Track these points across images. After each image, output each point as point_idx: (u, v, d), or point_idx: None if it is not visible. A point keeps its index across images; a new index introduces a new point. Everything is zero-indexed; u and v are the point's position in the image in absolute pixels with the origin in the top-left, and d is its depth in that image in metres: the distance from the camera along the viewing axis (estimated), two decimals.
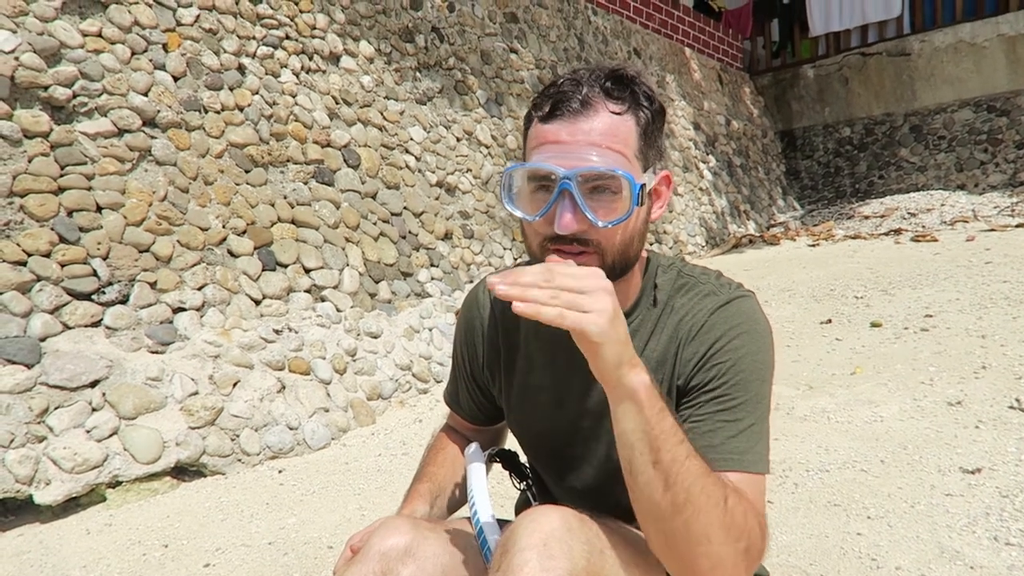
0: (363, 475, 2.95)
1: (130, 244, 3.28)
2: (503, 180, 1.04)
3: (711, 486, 0.88)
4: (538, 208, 1.00)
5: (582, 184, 0.97)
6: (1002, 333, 3.71)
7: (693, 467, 0.87)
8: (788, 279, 5.97)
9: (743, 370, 1.02)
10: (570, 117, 0.98)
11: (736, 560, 0.89)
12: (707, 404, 1.02)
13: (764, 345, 1.06)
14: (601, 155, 0.97)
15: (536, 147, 1.01)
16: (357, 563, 1.02)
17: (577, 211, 0.96)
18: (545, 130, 1.00)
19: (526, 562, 0.85)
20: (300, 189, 4.19)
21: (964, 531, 1.98)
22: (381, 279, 4.39)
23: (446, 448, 1.37)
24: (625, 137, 0.99)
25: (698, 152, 9.13)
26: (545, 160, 0.98)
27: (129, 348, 3.08)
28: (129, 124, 3.48)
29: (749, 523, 0.91)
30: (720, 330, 1.05)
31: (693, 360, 1.05)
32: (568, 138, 0.98)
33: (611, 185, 0.98)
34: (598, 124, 0.98)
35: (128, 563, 2.27)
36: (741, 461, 0.97)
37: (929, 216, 8.45)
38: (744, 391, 1.01)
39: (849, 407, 3.05)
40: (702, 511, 0.86)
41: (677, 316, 1.10)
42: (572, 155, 0.97)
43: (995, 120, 9.76)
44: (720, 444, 0.98)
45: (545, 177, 0.99)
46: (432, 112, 5.47)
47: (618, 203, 0.98)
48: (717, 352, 1.04)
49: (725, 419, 1.00)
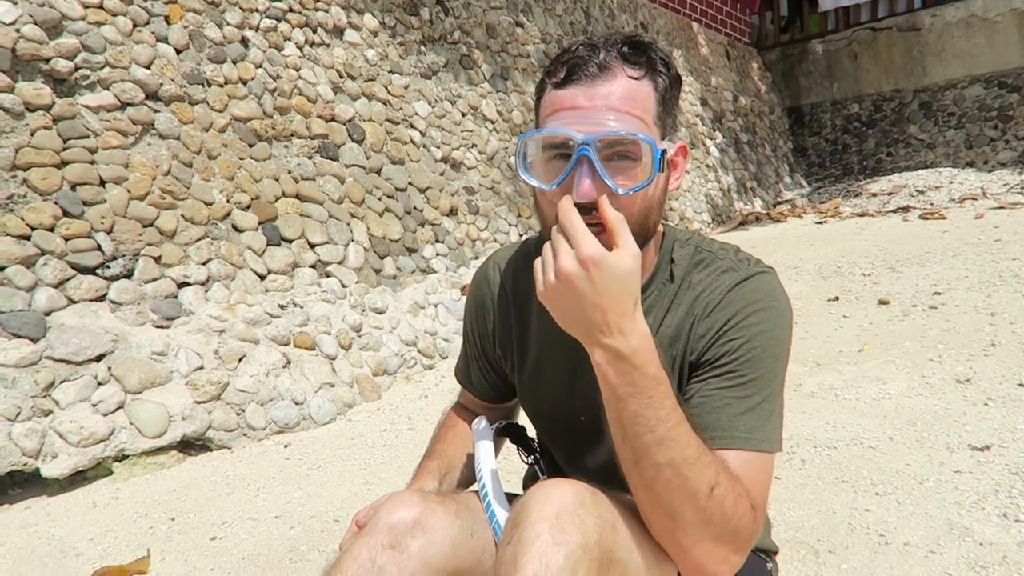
0: (369, 450, 2.95)
1: (134, 218, 3.26)
2: (518, 149, 1.00)
3: (695, 474, 0.87)
4: (554, 177, 0.96)
5: (601, 150, 0.93)
6: (1011, 311, 3.68)
7: (672, 443, 0.87)
8: (795, 256, 5.94)
9: (757, 347, 1.00)
10: (587, 82, 0.95)
11: (718, 547, 0.89)
12: (716, 380, 0.99)
13: (781, 323, 1.03)
14: (620, 120, 0.93)
15: (551, 114, 0.97)
16: (365, 535, 1.00)
17: (596, 178, 0.93)
18: (561, 96, 0.97)
19: (538, 535, 0.84)
20: (304, 164, 4.16)
21: (973, 508, 1.97)
22: (386, 255, 4.36)
23: (456, 426, 1.36)
24: (644, 102, 0.96)
25: (705, 128, 9.05)
26: (562, 126, 0.94)
27: (134, 322, 3.07)
28: (132, 97, 3.44)
29: (739, 510, 0.89)
30: (736, 306, 1.02)
31: (707, 336, 1.03)
32: (586, 103, 0.94)
33: (631, 151, 0.95)
34: (617, 88, 0.95)
35: (135, 536, 2.28)
36: (748, 440, 0.95)
37: (937, 194, 8.38)
38: (755, 368, 0.99)
39: (857, 384, 3.03)
40: (674, 497, 0.87)
41: (694, 292, 1.07)
42: (590, 120, 0.93)
43: (1006, 96, 9.64)
44: (727, 421, 0.96)
45: (562, 144, 0.96)
46: (437, 86, 5.42)
47: (638, 170, 0.95)
48: (731, 328, 1.01)
49: (734, 395, 0.98)
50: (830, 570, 1.77)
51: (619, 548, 0.90)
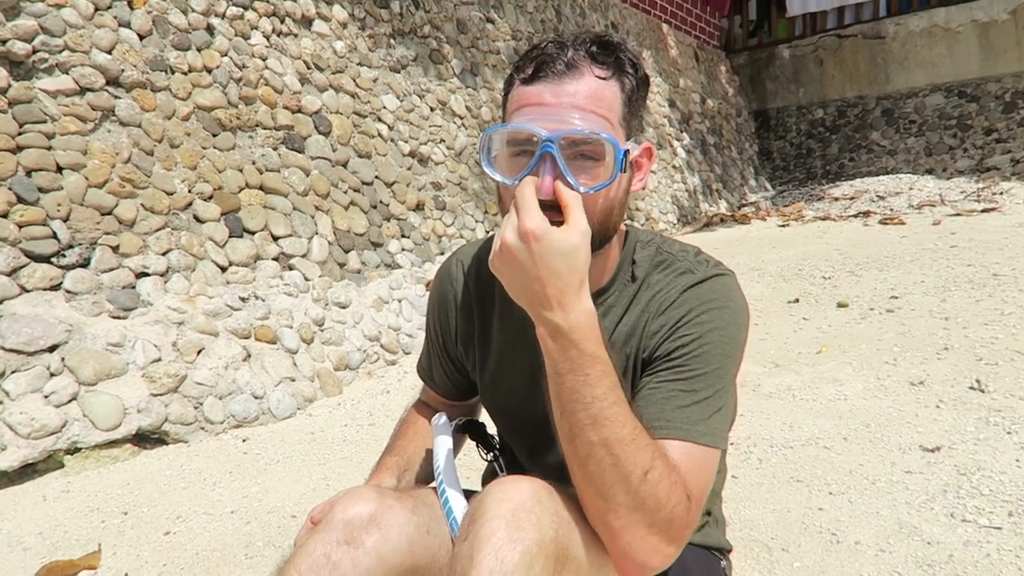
0: (329, 445, 2.92)
1: (92, 206, 3.19)
2: (482, 143, 1.01)
3: (629, 455, 0.86)
4: (518, 172, 0.97)
5: (565, 148, 0.94)
6: (964, 315, 3.78)
7: (607, 422, 0.87)
8: (757, 258, 6.02)
9: (708, 343, 1.00)
10: (554, 79, 0.95)
11: (650, 534, 0.88)
12: (664, 373, 1.00)
13: (735, 322, 1.04)
14: (585, 119, 0.94)
15: (517, 109, 0.98)
16: (320, 531, 0.99)
17: (558, 175, 0.93)
18: (527, 92, 0.97)
19: (494, 532, 0.84)
20: (269, 155, 4.11)
21: (923, 507, 2.01)
22: (351, 249, 4.33)
23: (417, 423, 1.35)
24: (610, 102, 0.97)
25: (672, 129, 9.13)
26: (527, 122, 0.95)
27: (90, 313, 3.00)
28: (92, 82, 3.36)
29: (673, 498, 0.88)
30: (690, 304, 1.03)
31: (659, 333, 1.03)
32: (552, 100, 0.95)
33: (594, 151, 0.95)
34: (583, 87, 0.95)
35: (86, 530, 2.23)
36: (689, 431, 0.95)
37: (897, 199, 8.56)
38: (705, 363, 0.99)
39: (814, 385, 3.09)
40: (614, 475, 0.86)
41: (651, 292, 1.08)
42: (555, 117, 0.94)
43: (965, 106, 9.88)
44: (671, 412, 0.96)
45: (526, 140, 0.96)
46: (406, 80, 5.38)
47: (600, 169, 0.95)
48: (684, 324, 1.02)
49: (680, 388, 0.98)
50: (783, 568, 1.80)
51: (575, 545, 0.91)
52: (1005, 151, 9.43)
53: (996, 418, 2.53)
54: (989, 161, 9.46)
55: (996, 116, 9.63)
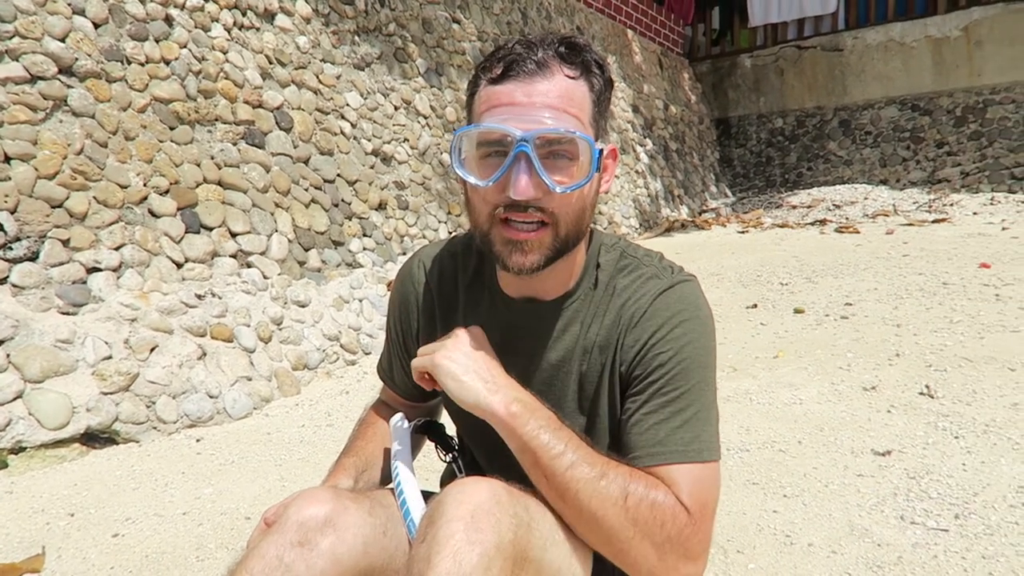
0: (285, 446, 2.87)
1: (41, 198, 3.09)
2: (453, 144, 0.99)
3: (606, 490, 0.91)
4: (490, 174, 0.95)
5: (539, 148, 0.93)
6: (915, 323, 3.87)
7: (583, 477, 0.91)
8: (717, 264, 6.10)
9: (685, 359, 1.01)
10: (525, 78, 0.94)
11: (646, 553, 0.92)
12: (652, 397, 1.01)
13: (705, 332, 1.05)
14: (558, 118, 0.93)
15: (488, 110, 0.96)
16: (274, 533, 0.97)
17: (534, 175, 0.93)
18: (497, 92, 0.95)
19: (452, 534, 0.83)
20: (228, 150, 4.03)
21: (873, 510, 2.05)
22: (311, 247, 4.27)
23: (376, 423, 1.33)
24: (580, 102, 0.96)
25: (635, 135, 9.21)
26: (500, 122, 0.93)
27: (38, 308, 2.91)
28: (43, 71, 3.27)
29: (663, 515, 0.91)
30: (662, 317, 1.03)
31: (635, 348, 1.04)
32: (524, 99, 0.94)
33: (568, 150, 0.95)
34: (554, 87, 0.94)
35: (30, 532, 2.16)
36: (686, 453, 0.97)
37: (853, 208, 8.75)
38: (686, 380, 1.01)
39: (770, 389, 3.13)
40: (598, 515, 0.91)
41: (620, 300, 1.08)
42: (528, 117, 0.93)
43: (919, 119, 10.15)
44: (664, 437, 0.98)
45: (498, 141, 0.95)
46: (370, 78, 5.34)
47: (574, 168, 0.95)
48: (658, 342, 1.02)
49: (669, 411, 0.99)
50: (738, 569, 1.81)
51: (533, 547, 0.90)
52: (955, 164, 9.72)
53: (944, 423, 2.59)
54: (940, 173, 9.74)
55: (948, 130, 9.92)
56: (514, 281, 1.09)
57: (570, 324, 1.08)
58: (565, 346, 1.09)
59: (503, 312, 1.12)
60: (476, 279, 1.18)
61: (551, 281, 1.07)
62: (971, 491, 2.10)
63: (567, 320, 1.09)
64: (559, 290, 1.09)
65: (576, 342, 1.08)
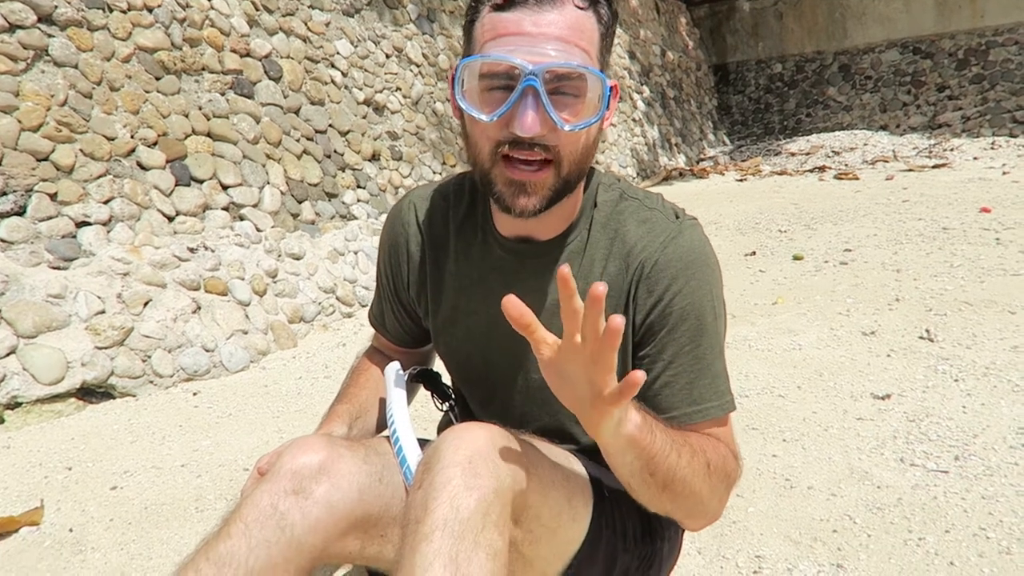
0: (282, 398, 2.87)
1: (26, 151, 3.02)
2: (456, 75, 0.93)
3: (696, 466, 0.92)
4: (493, 108, 0.90)
5: (548, 83, 0.87)
6: (915, 268, 3.84)
7: (683, 464, 0.90)
8: (715, 212, 6.05)
9: (704, 311, 1.00)
10: (533, 6, 0.88)
11: (721, 499, 0.99)
12: (678, 355, 1.00)
13: (717, 279, 1.04)
14: (568, 51, 0.87)
15: (492, 39, 0.89)
16: (267, 481, 0.95)
17: (541, 110, 0.87)
18: (504, 19, 0.89)
19: (450, 479, 0.81)
20: (217, 100, 3.94)
21: (873, 453, 2.05)
22: (304, 199, 4.21)
23: (369, 370, 1.30)
24: (590, 35, 0.91)
25: (632, 82, 9.05)
26: (507, 53, 0.87)
27: (27, 263, 2.87)
28: (22, 19, 3.16)
29: (728, 468, 0.98)
30: (675, 268, 1.00)
31: (650, 299, 1.01)
32: (533, 29, 0.87)
33: (578, 87, 0.89)
34: (564, 17, 0.88)
35: (28, 486, 2.16)
36: (720, 407, 1.01)
37: (852, 155, 8.66)
38: (706, 332, 1.01)
39: (769, 336, 3.12)
40: (694, 489, 0.93)
41: (626, 245, 1.04)
42: (538, 49, 0.87)
43: (920, 62, 9.99)
44: (699, 396, 0.99)
45: (504, 74, 0.89)
46: (360, 25, 5.21)
47: (582, 105, 0.90)
48: (676, 296, 1.00)
49: (699, 367, 1.00)
50: (738, 513, 1.81)
51: (532, 491, 0.89)
52: (956, 108, 9.59)
53: (944, 366, 2.58)
54: (941, 118, 9.62)
55: (949, 73, 9.77)
56: (509, 221, 1.05)
57: (572, 264, 1.05)
58: None
59: (497, 252, 1.09)
60: (468, 219, 1.14)
61: (548, 220, 1.03)
62: (971, 433, 2.10)
63: (564, 259, 1.05)
64: (556, 229, 1.05)
65: (580, 284, 1.05)
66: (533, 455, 0.92)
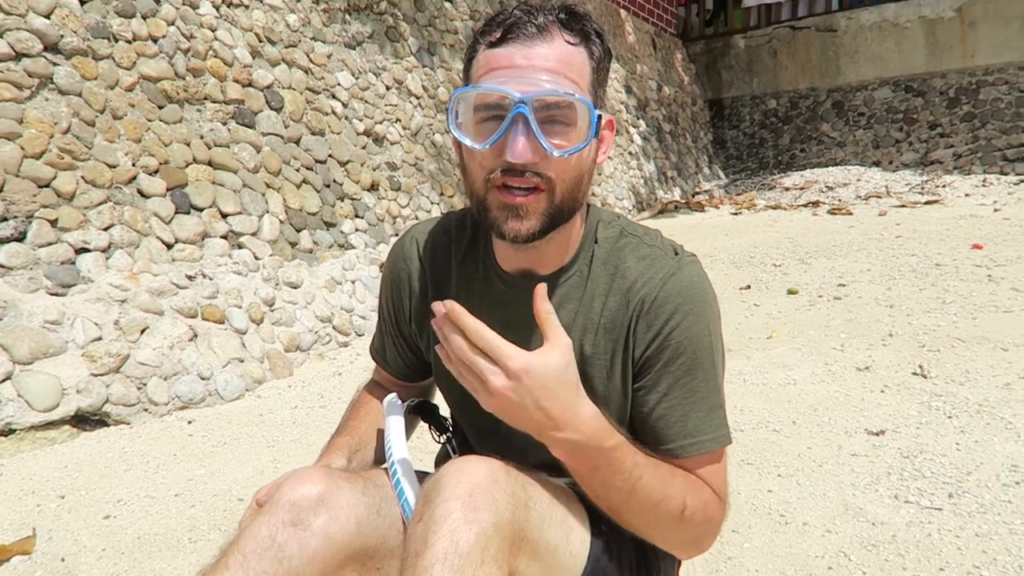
0: (278, 427, 2.86)
1: (28, 178, 3.05)
2: (450, 105, 0.96)
3: (664, 508, 0.95)
4: (486, 137, 0.93)
5: (537, 111, 0.91)
6: (908, 303, 3.87)
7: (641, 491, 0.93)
8: (711, 245, 6.09)
9: (700, 346, 1.02)
10: (525, 41, 0.92)
11: (701, 544, 1.03)
12: (673, 388, 1.01)
13: (715, 314, 1.05)
14: (557, 82, 0.91)
15: (486, 73, 0.94)
16: (266, 512, 0.95)
17: (531, 137, 0.90)
18: (496, 55, 0.94)
19: (449, 513, 0.82)
20: (218, 129, 3.98)
21: (867, 489, 2.06)
22: (303, 228, 4.24)
23: (369, 403, 1.31)
24: (580, 68, 0.94)
25: (629, 116, 9.16)
26: (499, 84, 0.91)
27: (26, 289, 2.88)
28: (28, 48, 3.21)
29: (708, 513, 0.98)
30: (674, 303, 1.02)
31: (649, 334, 1.02)
32: (523, 62, 0.92)
33: (567, 115, 0.92)
34: (554, 51, 0.92)
35: (20, 514, 2.14)
36: (713, 441, 1.01)
37: (845, 190, 8.75)
38: (702, 367, 1.02)
39: (764, 370, 3.13)
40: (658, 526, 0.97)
41: (626, 282, 1.05)
42: (527, 79, 0.91)
43: (912, 100, 10.13)
44: (693, 429, 1.00)
45: (496, 105, 0.93)
46: (361, 57, 5.28)
47: (572, 133, 0.93)
48: (673, 330, 1.01)
49: (693, 400, 1.01)
50: (733, 548, 1.81)
51: (531, 527, 0.89)
52: (948, 145, 9.71)
53: (938, 403, 2.60)
54: (933, 155, 9.73)
55: (940, 111, 9.90)
56: (510, 254, 1.07)
57: (566, 299, 1.07)
58: (563, 321, 1.07)
59: (498, 286, 1.10)
60: (470, 254, 1.16)
61: (548, 254, 1.05)
62: (964, 470, 2.11)
63: (563, 295, 1.07)
64: (556, 264, 1.07)
65: (574, 318, 1.06)
66: (532, 489, 0.93)
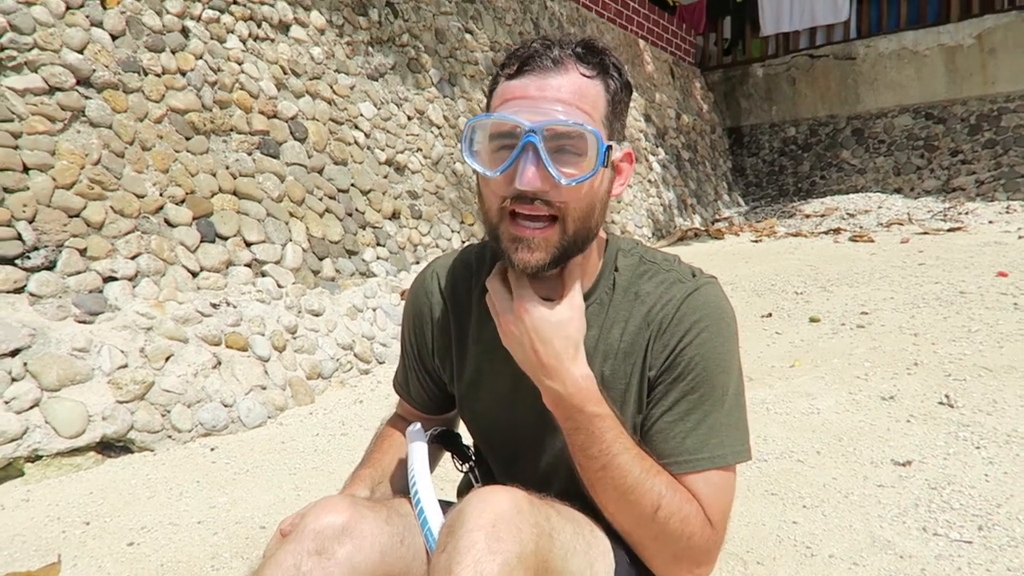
0: (300, 455, 2.87)
1: (59, 208, 3.12)
2: (465, 133, 0.99)
3: (637, 497, 0.96)
4: (499, 165, 0.96)
5: (548, 140, 0.93)
6: (933, 332, 3.83)
7: (615, 469, 0.95)
8: (731, 273, 6.07)
9: (710, 364, 1.02)
10: (540, 73, 0.95)
11: (679, 562, 1.00)
12: (678, 403, 1.02)
13: (730, 334, 1.06)
14: (568, 112, 0.94)
15: (501, 103, 0.97)
16: (291, 541, 0.96)
17: (541, 166, 0.92)
18: (512, 86, 0.97)
19: (474, 543, 0.82)
20: (243, 160, 4.05)
21: (895, 521, 2.02)
22: (325, 256, 4.28)
23: (392, 436, 1.32)
24: (594, 100, 0.96)
25: (648, 144, 9.20)
26: (512, 114, 0.94)
27: (55, 316, 2.93)
28: (61, 82, 3.30)
29: (688, 529, 0.97)
30: (689, 322, 1.04)
31: (664, 353, 1.04)
32: (536, 93, 0.94)
33: (577, 145, 0.94)
34: (568, 82, 0.95)
35: (46, 540, 2.16)
36: (711, 459, 1.00)
37: (867, 217, 8.69)
38: (711, 385, 1.02)
39: (787, 399, 3.10)
40: (631, 517, 0.98)
41: (645, 306, 1.07)
42: (539, 109, 0.93)
43: (932, 127, 10.09)
44: (692, 447, 1.00)
45: (508, 134, 0.95)
46: (383, 89, 5.36)
47: (583, 163, 0.95)
48: (686, 347, 1.03)
49: (696, 417, 1.01)
50: None
51: (554, 557, 0.89)
52: (970, 172, 9.64)
53: (965, 433, 2.56)
54: (955, 182, 9.66)
55: (962, 138, 9.85)
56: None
57: (587, 326, 1.07)
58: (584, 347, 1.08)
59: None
60: None
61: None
62: (994, 502, 2.07)
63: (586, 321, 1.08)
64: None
65: (595, 345, 1.07)
66: (556, 520, 0.93)
